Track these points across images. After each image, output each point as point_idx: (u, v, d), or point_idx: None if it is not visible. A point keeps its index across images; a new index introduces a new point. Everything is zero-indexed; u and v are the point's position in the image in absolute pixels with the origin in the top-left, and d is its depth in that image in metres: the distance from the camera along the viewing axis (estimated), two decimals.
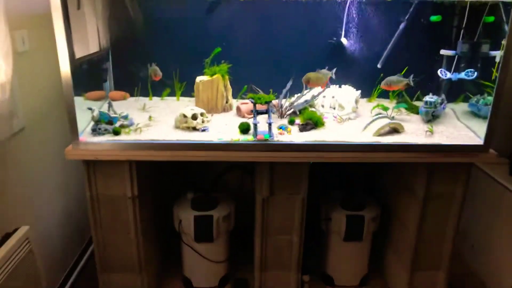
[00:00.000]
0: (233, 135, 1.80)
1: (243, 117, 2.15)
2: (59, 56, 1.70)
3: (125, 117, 1.98)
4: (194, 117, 1.85)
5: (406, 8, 2.20)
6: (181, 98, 2.40)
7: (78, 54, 2.07)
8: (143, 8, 2.25)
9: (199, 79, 2.17)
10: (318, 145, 1.81)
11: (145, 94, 2.38)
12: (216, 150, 1.79)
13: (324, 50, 2.31)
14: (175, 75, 2.32)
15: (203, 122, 1.95)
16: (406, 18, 2.20)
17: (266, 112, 1.91)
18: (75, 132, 1.82)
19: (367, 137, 1.83)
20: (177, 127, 1.87)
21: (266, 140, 1.77)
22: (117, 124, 1.93)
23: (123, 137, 1.80)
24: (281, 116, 2.15)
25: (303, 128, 1.89)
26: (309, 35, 2.31)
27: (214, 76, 2.02)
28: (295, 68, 2.11)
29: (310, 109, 2.17)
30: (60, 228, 2.37)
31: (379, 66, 2.30)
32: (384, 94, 2.38)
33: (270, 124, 1.88)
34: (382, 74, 2.26)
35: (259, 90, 2.16)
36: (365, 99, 2.44)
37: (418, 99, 2.34)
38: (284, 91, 2.15)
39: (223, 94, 2.18)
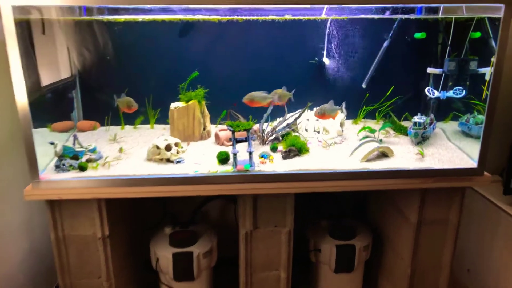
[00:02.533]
0: (211, 166, 1.65)
1: (222, 144, 2.00)
2: (14, 86, 1.54)
3: (93, 150, 1.81)
4: (168, 148, 1.70)
5: (389, 26, 2.11)
6: (156, 126, 2.25)
7: (45, 81, 1.91)
8: (114, 33, 2.11)
9: (173, 105, 2.02)
10: (302, 175, 1.67)
11: (117, 123, 2.22)
12: (192, 184, 1.65)
13: (306, 71, 2.20)
14: (148, 102, 2.17)
15: (177, 153, 1.80)
16: (390, 35, 2.11)
17: (245, 140, 1.77)
18: (34, 170, 1.65)
19: (355, 163, 1.70)
20: (149, 159, 1.72)
21: (246, 170, 1.63)
22: (84, 159, 1.76)
23: (90, 173, 1.64)
24: (263, 142, 2.01)
25: (286, 155, 1.76)
26: (289, 56, 2.20)
27: (190, 102, 1.88)
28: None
29: (293, 133, 2.04)
30: (25, 271, 2.16)
31: (364, 86, 2.19)
32: (371, 115, 2.27)
33: (250, 153, 1.74)
34: (367, 94, 2.15)
35: (239, 116, 2.02)
36: (350, 121, 2.33)
37: (406, 119, 2.24)
38: (265, 115, 2.02)
39: (200, 121, 2.04)
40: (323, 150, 1.87)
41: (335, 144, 1.99)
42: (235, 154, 1.73)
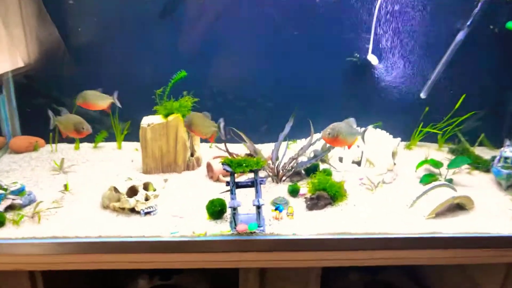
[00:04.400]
0: (198, 223, 1.08)
1: (217, 180, 1.42)
2: None
3: (20, 191, 1.23)
4: (132, 191, 1.10)
5: (468, 11, 1.47)
6: (126, 145, 1.66)
7: None
8: (66, 10, 1.49)
9: (146, 121, 1.42)
10: (337, 241, 1.09)
11: (71, 139, 1.61)
12: (167, 252, 1.09)
13: (341, 73, 1.58)
14: (113, 112, 1.55)
15: (147, 199, 1.21)
16: (468, 24, 1.47)
17: (251, 185, 1.17)
18: None
19: (417, 219, 1.19)
20: (106, 206, 1.12)
21: (252, 233, 1.04)
22: (2, 206, 1.18)
23: (8, 231, 1.05)
24: (278, 179, 1.41)
25: (313, 204, 1.20)
26: (319, 50, 1.58)
27: (171, 117, 1.28)
28: (298, 100, 1.40)
29: (322, 166, 1.43)
30: None
31: (423, 95, 1.57)
32: (431, 137, 1.65)
33: (259, 207, 1.14)
34: (427, 108, 1.54)
35: (244, 137, 1.41)
36: (402, 144, 1.70)
37: (482, 144, 1.62)
38: (281, 136, 1.42)
39: (185, 144, 1.45)
40: (366, 193, 1.27)
41: (384, 184, 1.39)
42: (234, 209, 1.13)
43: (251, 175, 1.19)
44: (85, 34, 1.57)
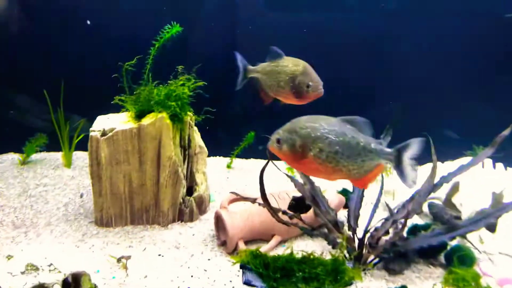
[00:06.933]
0: None
1: (234, 251, 0.72)
2: None
3: None
4: None
5: None
6: (80, 157, 0.99)
7: None
8: None
9: (100, 124, 0.74)
10: None
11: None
12: None
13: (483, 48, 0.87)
14: (55, 106, 0.89)
15: None
16: None
17: None
18: None
19: None
20: None
21: None
22: None
23: None
24: (361, 261, 0.70)
25: None
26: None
27: (148, 119, 0.57)
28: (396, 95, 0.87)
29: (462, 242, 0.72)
30: None
31: None
32: None
33: None
34: None
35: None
36: None
37: None
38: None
39: (177, 171, 0.75)
40: None
41: None
42: None
43: None
44: None
